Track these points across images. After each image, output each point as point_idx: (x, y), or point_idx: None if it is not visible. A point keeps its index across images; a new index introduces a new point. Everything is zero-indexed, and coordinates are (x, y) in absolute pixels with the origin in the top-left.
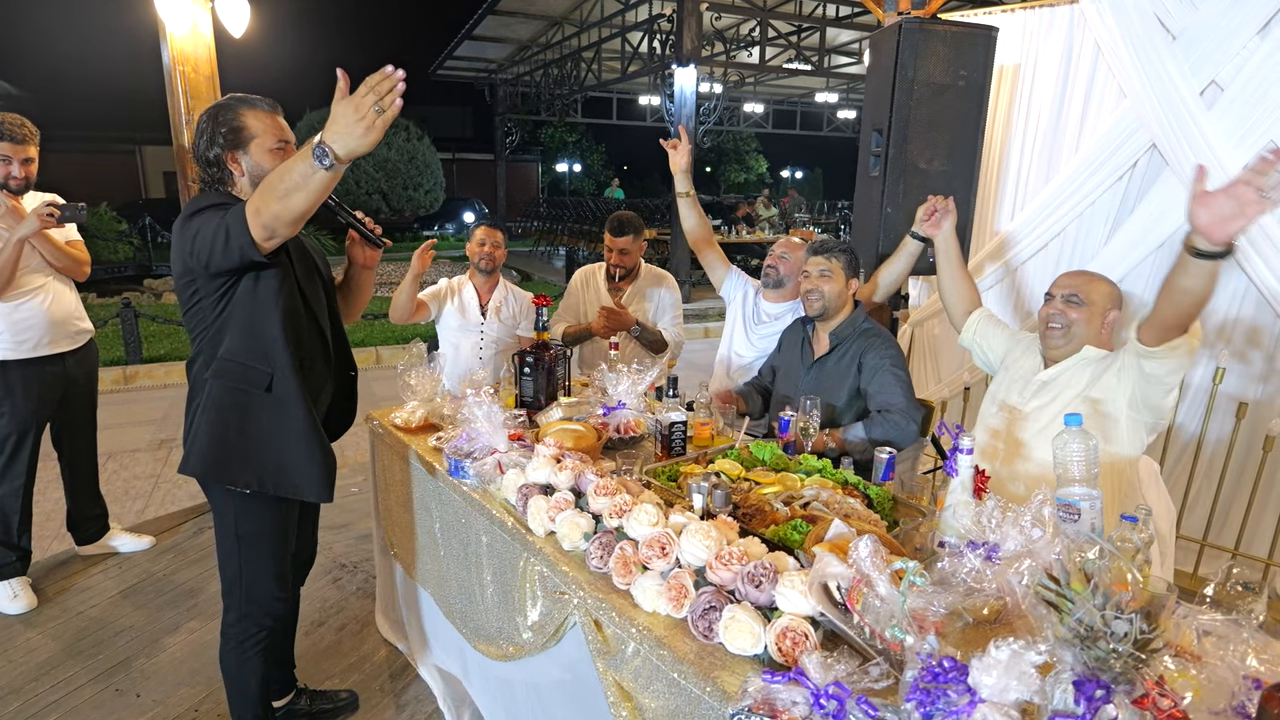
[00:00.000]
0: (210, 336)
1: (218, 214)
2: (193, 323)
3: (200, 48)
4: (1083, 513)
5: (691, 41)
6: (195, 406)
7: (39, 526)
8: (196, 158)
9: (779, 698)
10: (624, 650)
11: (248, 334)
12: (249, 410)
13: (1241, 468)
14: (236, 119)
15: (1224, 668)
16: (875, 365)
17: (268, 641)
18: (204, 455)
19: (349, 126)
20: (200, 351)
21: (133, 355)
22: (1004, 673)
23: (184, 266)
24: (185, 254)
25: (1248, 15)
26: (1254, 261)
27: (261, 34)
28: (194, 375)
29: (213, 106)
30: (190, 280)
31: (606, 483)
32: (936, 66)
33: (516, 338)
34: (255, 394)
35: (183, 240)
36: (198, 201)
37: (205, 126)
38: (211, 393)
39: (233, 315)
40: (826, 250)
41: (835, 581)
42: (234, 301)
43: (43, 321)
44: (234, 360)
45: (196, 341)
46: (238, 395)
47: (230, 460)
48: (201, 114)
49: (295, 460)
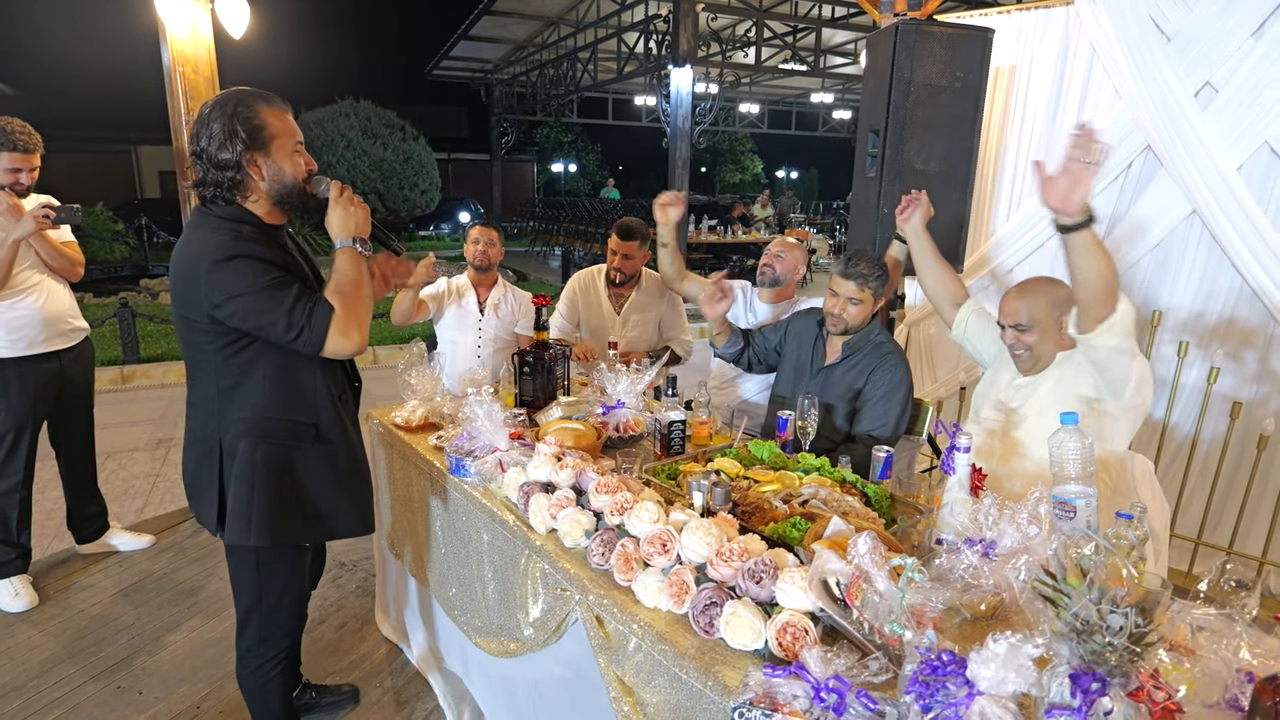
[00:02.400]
0: (227, 386)
1: (267, 275)
2: (201, 367)
3: (200, 49)
4: (1078, 510)
5: (687, 42)
6: (232, 472)
7: (39, 525)
8: (204, 159)
9: (780, 691)
10: (626, 646)
11: (284, 387)
12: (297, 465)
13: (1235, 467)
14: (257, 116)
15: (1217, 661)
16: (878, 390)
17: (287, 659)
18: (267, 525)
19: (345, 218)
20: (209, 399)
21: (130, 355)
22: (1002, 665)
23: (202, 313)
24: (209, 304)
25: (1242, 17)
26: (1247, 262)
27: (260, 34)
28: (200, 425)
29: (224, 100)
30: (202, 324)
31: (608, 481)
32: (933, 68)
33: (515, 336)
34: (304, 447)
35: (211, 289)
36: (217, 236)
37: (217, 124)
38: (256, 458)
39: (258, 365)
40: (861, 277)
41: (835, 578)
42: (259, 350)
43: (37, 320)
44: (276, 418)
45: (201, 386)
46: (286, 454)
47: (290, 520)
48: (207, 109)
49: (343, 503)
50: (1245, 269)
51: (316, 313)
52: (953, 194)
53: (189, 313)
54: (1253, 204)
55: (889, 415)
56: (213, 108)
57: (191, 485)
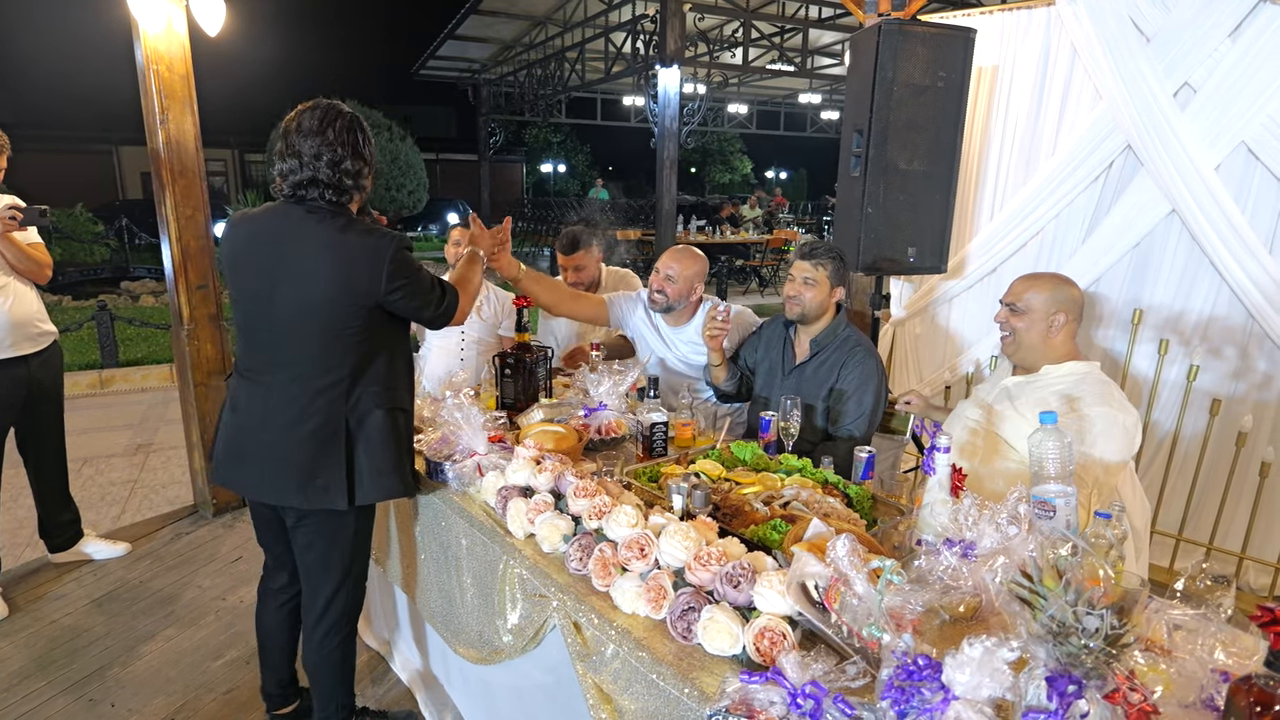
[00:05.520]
0: (357, 366)
1: (410, 255)
2: (333, 354)
3: (175, 46)
4: (1058, 509)
5: (675, 42)
6: (364, 443)
7: (10, 534)
8: (328, 165)
9: (756, 698)
10: (603, 652)
11: (397, 364)
12: (404, 429)
13: (1215, 463)
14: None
15: (1193, 661)
16: (850, 384)
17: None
18: (415, 476)
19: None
20: (339, 382)
21: (109, 359)
22: (977, 670)
23: (373, 298)
24: (387, 289)
25: (1219, 18)
26: (1226, 261)
27: (240, 33)
28: (325, 409)
29: (345, 114)
30: (361, 309)
31: (586, 484)
32: (916, 68)
33: (498, 338)
34: (408, 414)
35: (394, 275)
36: (379, 232)
37: (345, 134)
38: (393, 424)
39: (383, 346)
40: (815, 256)
41: (813, 581)
42: (387, 332)
43: (4, 324)
44: (396, 390)
45: (332, 372)
46: (407, 419)
47: (408, 476)
48: (327, 116)
49: (414, 465)
50: (1224, 268)
51: (449, 290)
52: (936, 193)
53: (351, 300)
54: (1231, 203)
55: (863, 408)
56: (337, 115)
57: (309, 470)
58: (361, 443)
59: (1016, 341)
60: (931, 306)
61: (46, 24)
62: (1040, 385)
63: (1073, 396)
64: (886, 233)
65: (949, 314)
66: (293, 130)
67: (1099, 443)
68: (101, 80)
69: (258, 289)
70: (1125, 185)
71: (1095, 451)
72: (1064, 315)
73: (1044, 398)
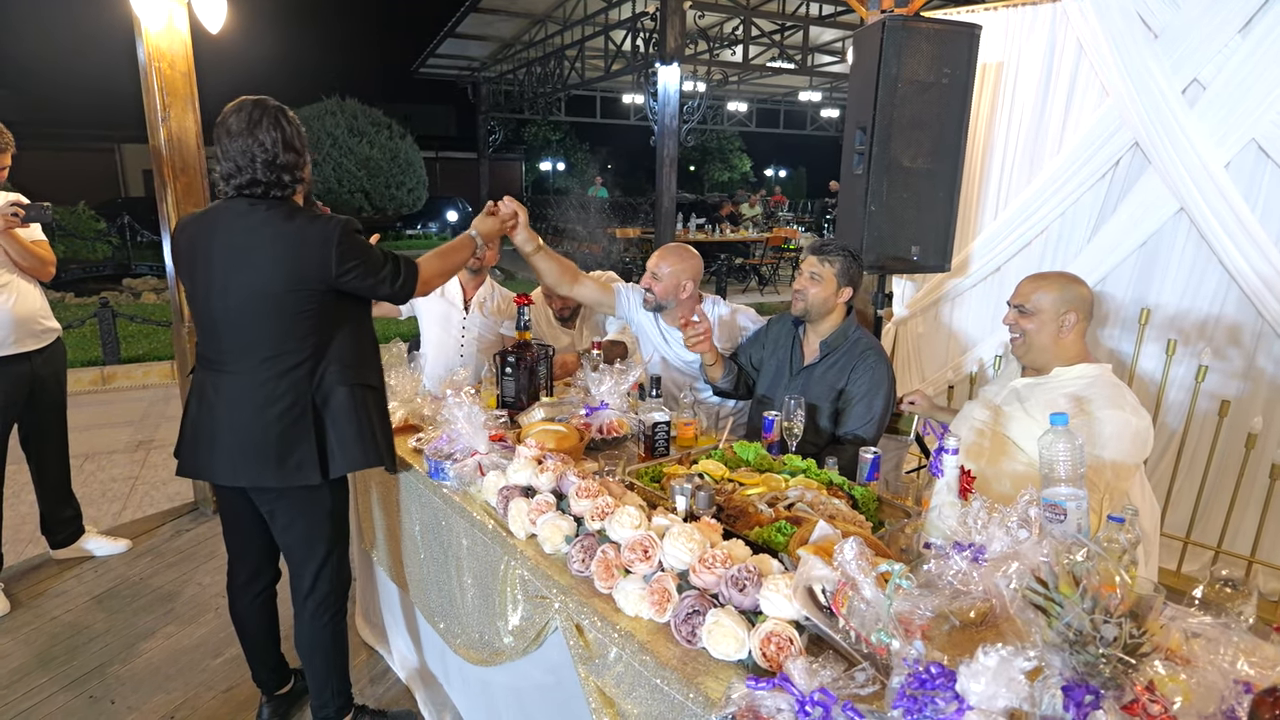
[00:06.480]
0: (319, 345)
1: (358, 237)
2: (293, 337)
3: (176, 44)
4: (1069, 513)
5: (675, 40)
6: (330, 418)
7: (12, 530)
8: (267, 160)
9: (763, 704)
10: (606, 655)
11: (359, 340)
12: (372, 403)
13: (1223, 465)
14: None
15: (1214, 671)
16: (859, 388)
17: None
18: (388, 447)
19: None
20: (302, 363)
21: (110, 355)
22: (992, 679)
23: (324, 282)
24: (338, 271)
25: (1229, 14)
26: (1235, 260)
27: (241, 30)
28: (290, 389)
29: (270, 109)
30: (314, 293)
31: (588, 485)
32: (920, 64)
33: (499, 335)
34: (374, 390)
35: (343, 258)
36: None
37: (273, 130)
38: (356, 398)
39: (343, 323)
40: (824, 252)
41: (820, 585)
42: (344, 310)
43: (8, 320)
44: (358, 366)
45: (293, 354)
46: (373, 394)
47: (389, 445)
48: (252, 116)
49: (390, 439)
50: (1233, 266)
51: (405, 264)
52: (939, 191)
53: (302, 285)
54: (1240, 201)
55: (873, 412)
56: (262, 113)
57: (280, 450)
58: (329, 419)
59: (1027, 343)
60: (935, 305)
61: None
62: (1050, 387)
63: (1083, 399)
64: (890, 230)
65: (952, 313)
66: (223, 135)
67: (1110, 446)
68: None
69: (210, 281)
70: (1132, 183)
71: (1106, 455)
72: (1074, 314)
73: (1054, 399)
